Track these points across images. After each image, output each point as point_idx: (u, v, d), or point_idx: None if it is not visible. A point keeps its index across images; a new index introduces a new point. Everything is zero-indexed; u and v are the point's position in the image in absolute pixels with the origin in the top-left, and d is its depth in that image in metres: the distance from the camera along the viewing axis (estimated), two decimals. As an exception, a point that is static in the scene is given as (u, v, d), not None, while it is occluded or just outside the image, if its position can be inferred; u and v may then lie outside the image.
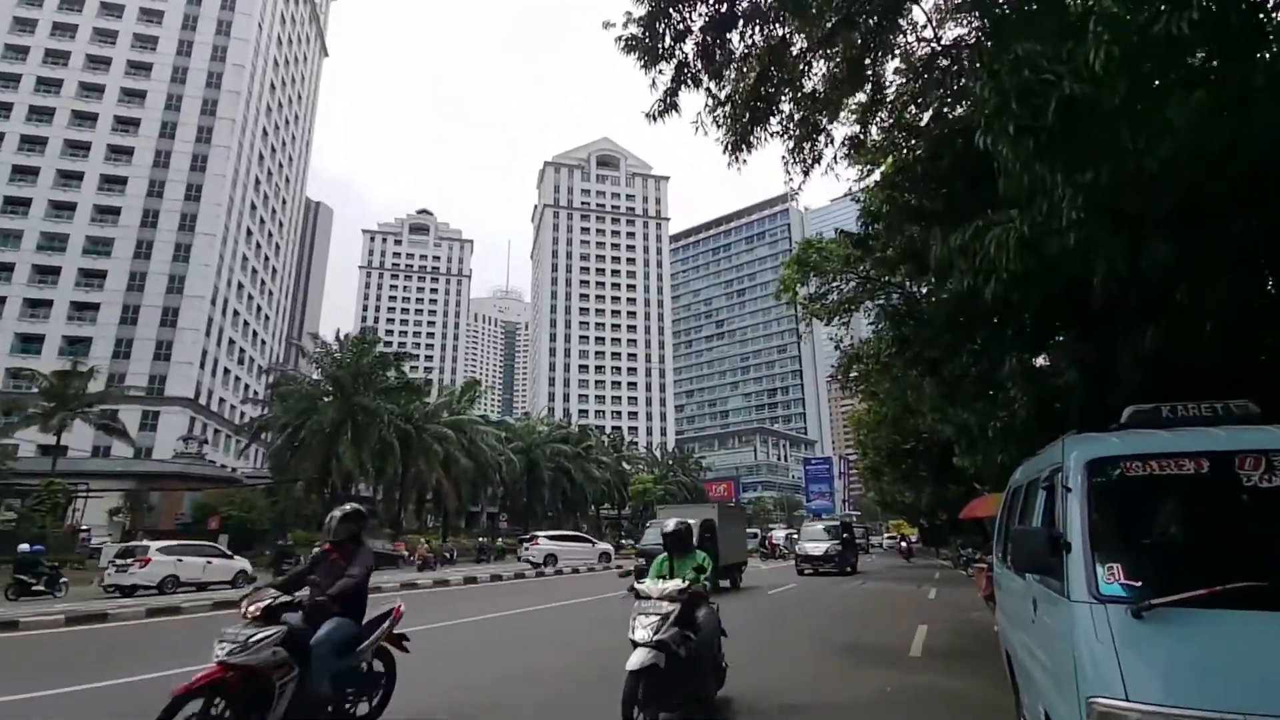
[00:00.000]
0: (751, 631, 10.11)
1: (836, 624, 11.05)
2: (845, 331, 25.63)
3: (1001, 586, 4.85)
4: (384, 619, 4.98)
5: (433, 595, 16.42)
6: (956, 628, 10.58)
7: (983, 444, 8.60)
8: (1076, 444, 3.11)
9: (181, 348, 55.01)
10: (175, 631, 10.70)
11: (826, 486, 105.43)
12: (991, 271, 4.66)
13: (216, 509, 35.12)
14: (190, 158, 59.06)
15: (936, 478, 29.92)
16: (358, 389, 37.44)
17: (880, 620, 11.44)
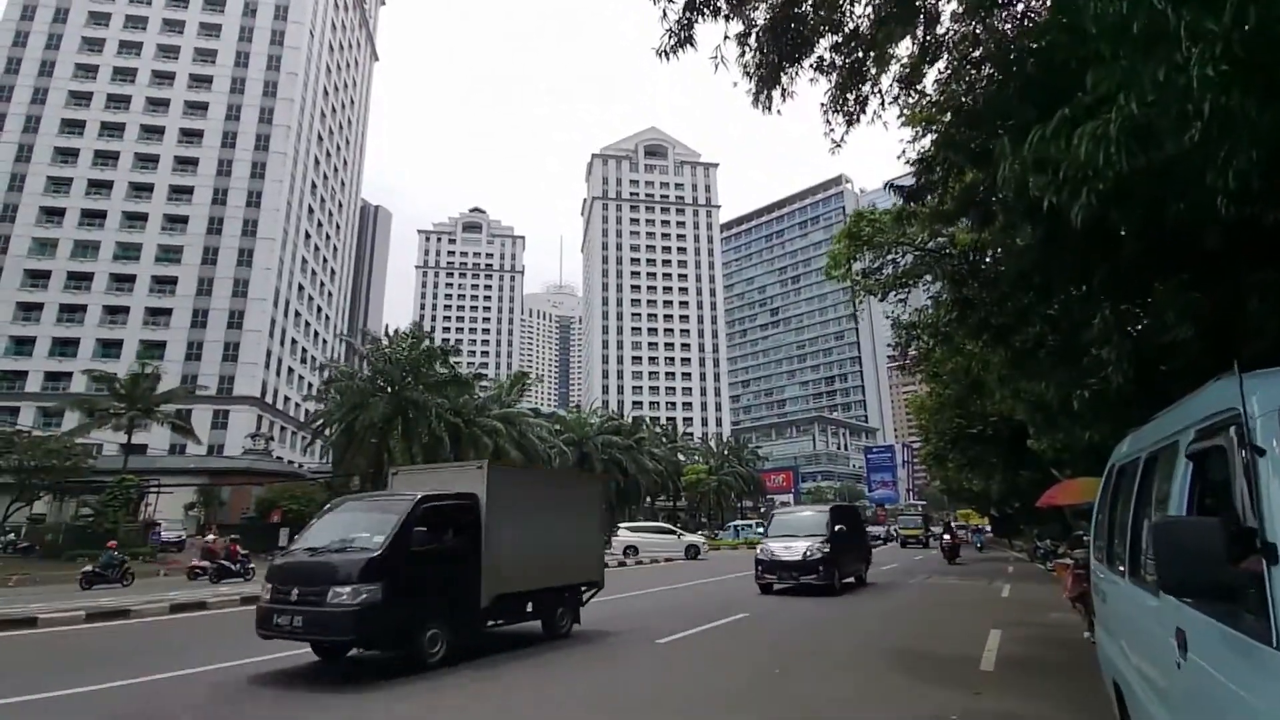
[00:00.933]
0: (789, 634, 9.07)
1: (891, 625, 9.91)
2: (903, 308, 24.04)
3: (1106, 596, 3.66)
4: None
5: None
6: (1037, 634, 9.20)
7: (1064, 421, 7.31)
8: (1266, 382, 2.00)
9: (247, 349, 57.06)
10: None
11: (889, 475, 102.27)
12: (1083, 182, 3.51)
13: (278, 503, 36.08)
14: (250, 165, 61.12)
15: (1007, 464, 27.82)
16: (408, 383, 37.75)
17: (944, 622, 10.20)
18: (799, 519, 16.66)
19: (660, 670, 7.04)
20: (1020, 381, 8.85)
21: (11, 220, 56.79)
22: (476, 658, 7.43)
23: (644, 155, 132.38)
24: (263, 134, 62.09)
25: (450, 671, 6.78)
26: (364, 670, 7.11)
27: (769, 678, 6.46)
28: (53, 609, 11.79)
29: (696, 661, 7.39)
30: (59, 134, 59.43)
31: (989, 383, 12.51)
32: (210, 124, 61.85)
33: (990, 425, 24.27)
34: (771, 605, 11.70)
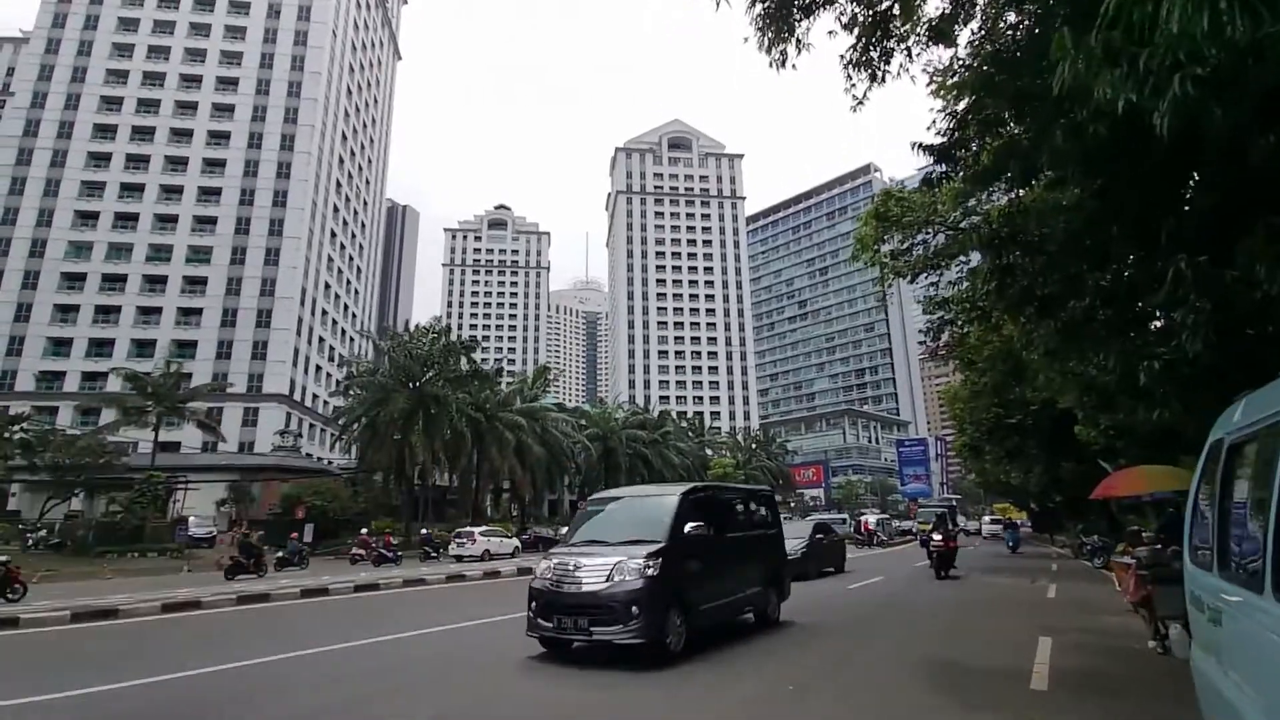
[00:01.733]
0: (814, 639, 8.22)
1: (923, 630, 8.95)
2: (935, 290, 22.85)
3: (1218, 615, 2.75)
4: None
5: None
6: (1093, 642, 8.08)
7: (1127, 399, 6.34)
8: None
9: (275, 347, 57.69)
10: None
11: (922, 469, 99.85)
12: (1174, 69, 2.64)
13: (301, 499, 36.14)
14: (276, 166, 61.72)
15: (1049, 455, 26.45)
16: (429, 379, 37.57)
17: (986, 626, 9.15)
18: (622, 509, 8.92)
19: (678, 684, 6.22)
20: (1069, 359, 7.86)
21: (48, 224, 58.17)
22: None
23: (667, 148, 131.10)
24: (288, 134, 62.64)
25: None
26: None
27: (781, 697, 5.67)
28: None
29: (699, 674, 6.59)
30: (91, 139, 60.66)
31: (1032, 364, 11.45)
32: (237, 126, 62.60)
33: (1031, 414, 23.01)
34: (790, 608, 10.87)
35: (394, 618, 10.46)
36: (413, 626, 9.48)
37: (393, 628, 9.23)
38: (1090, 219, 6.90)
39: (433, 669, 7.05)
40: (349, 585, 15.66)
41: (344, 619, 10.70)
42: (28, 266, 57.11)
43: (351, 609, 12.09)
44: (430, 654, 7.87)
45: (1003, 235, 7.70)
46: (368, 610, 11.86)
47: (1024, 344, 9.40)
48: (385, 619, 10.32)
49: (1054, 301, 7.60)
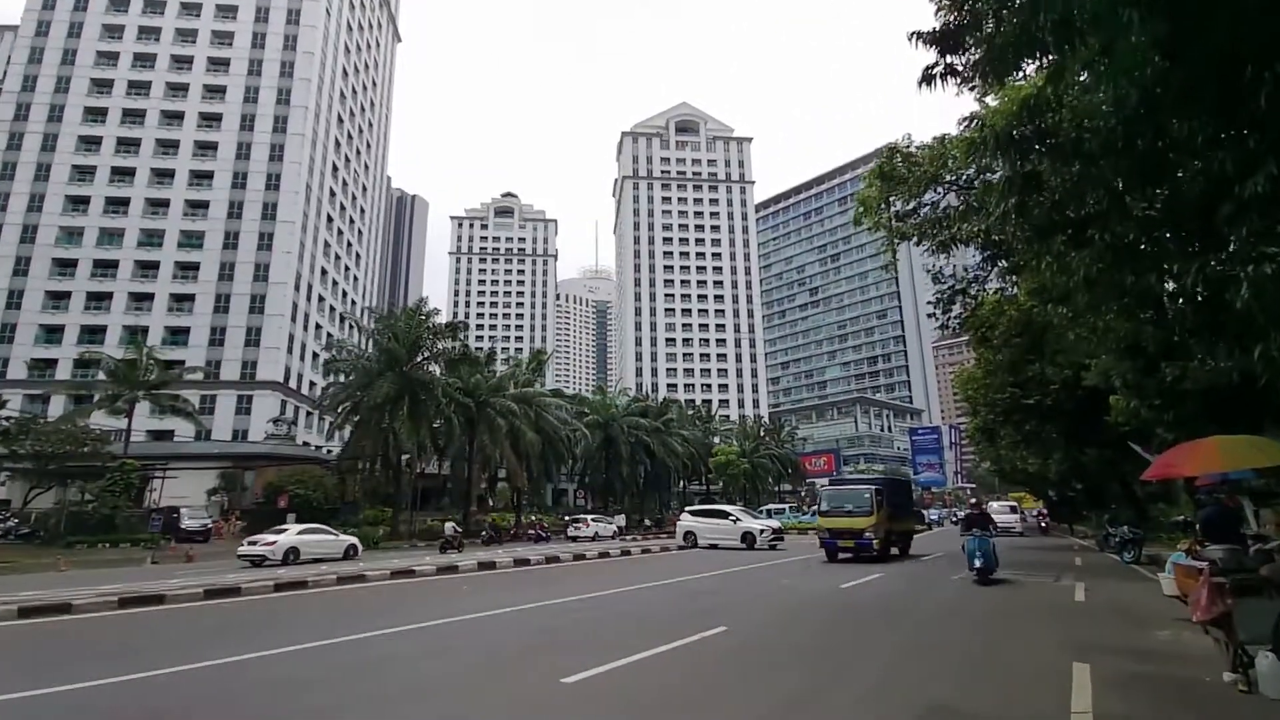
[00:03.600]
0: (771, 663, 6.46)
1: (925, 651, 7.04)
2: (946, 260, 20.82)
3: None
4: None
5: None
6: (1146, 671, 5.98)
7: (1202, 340, 4.46)
8: None
9: (269, 333, 56.45)
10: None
11: (936, 458, 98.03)
12: None
13: (284, 488, 34.85)
14: (268, 148, 60.29)
15: (1070, 439, 24.43)
16: (417, 363, 36.00)
17: (1004, 645, 7.12)
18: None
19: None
20: (1116, 296, 5.97)
21: (39, 210, 57.16)
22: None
23: (675, 132, 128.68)
24: (280, 116, 61.16)
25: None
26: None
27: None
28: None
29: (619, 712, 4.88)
30: (82, 122, 59.49)
31: (1056, 326, 9.55)
32: (229, 108, 61.20)
33: (1051, 394, 20.98)
34: (760, 616, 9.08)
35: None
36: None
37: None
38: (1149, 98, 4.98)
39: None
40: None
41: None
42: (19, 253, 56.17)
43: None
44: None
45: (1025, 131, 5.81)
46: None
47: (1052, 286, 7.45)
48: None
49: (1094, 222, 5.68)
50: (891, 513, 19.61)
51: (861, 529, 18.05)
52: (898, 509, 20.71)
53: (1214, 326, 5.12)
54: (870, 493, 18.95)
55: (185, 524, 32.14)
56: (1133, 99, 5.03)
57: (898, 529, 20.29)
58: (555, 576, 15.44)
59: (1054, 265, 5.90)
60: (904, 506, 22.46)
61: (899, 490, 23.60)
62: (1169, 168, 5.75)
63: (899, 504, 21.33)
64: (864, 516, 18.36)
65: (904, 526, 21.41)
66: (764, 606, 9.88)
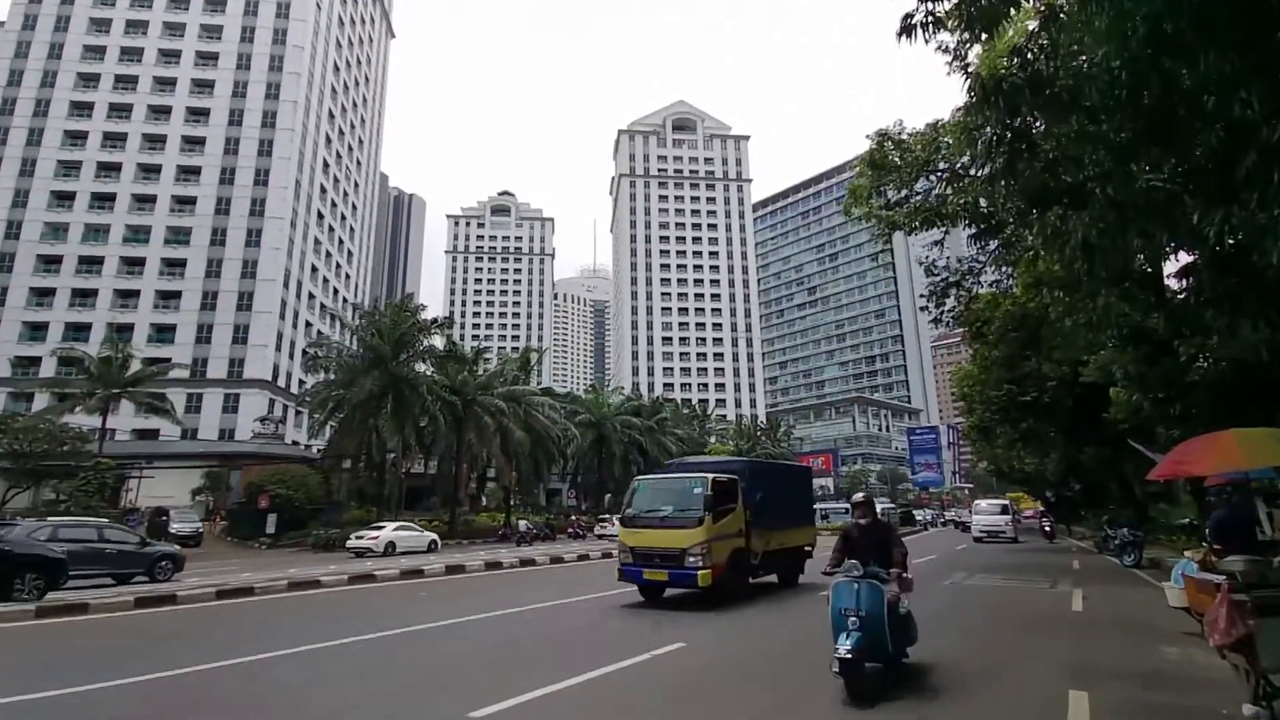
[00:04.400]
0: (722, 684, 5.70)
1: (911, 668, 5.95)
2: (940, 252, 20.08)
3: None
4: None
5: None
6: (1152, 701, 5.15)
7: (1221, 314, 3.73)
8: None
9: (257, 331, 55.69)
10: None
11: (934, 457, 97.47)
12: None
13: (265, 488, 34.03)
14: (257, 143, 59.53)
15: (1068, 438, 23.72)
16: (402, 360, 35.19)
17: (992, 666, 6.23)
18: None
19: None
20: (1113, 266, 5.21)
21: (24, 205, 56.36)
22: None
23: (672, 130, 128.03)
24: (269, 111, 60.37)
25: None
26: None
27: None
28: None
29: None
30: (68, 117, 58.71)
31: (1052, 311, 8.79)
32: (217, 102, 60.40)
33: (1048, 391, 20.26)
34: (721, 628, 8.31)
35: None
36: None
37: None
38: (1157, 35, 4.24)
39: None
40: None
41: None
42: (3, 249, 55.40)
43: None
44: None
45: (1016, 79, 5.05)
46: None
47: (1047, 259, 6.66)
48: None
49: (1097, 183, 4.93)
50: (762, 518, 11.97)
51: (681, 547, 10.48)
52: (778, 513, 12.75)
53: (1235, 298, 4.40)
54: (702, 486, 10.93)
55: (175, 527, 30.26)
56: (1139, 33, 4.28)
57: (777, 545, 12.61)
58: (538, 578, 14.72)
59: (1048, 232, 5.14)
60: (791, 507, 13.70)
61: (781, 481, 14.49)
62: (1179, 126, 5.00)
63: (783, 504, 13.19)
64: (687, 527, 10.61)
65: (788, 540, 13.14)
66: (711, 621, 9.08)
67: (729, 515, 10.89)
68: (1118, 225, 4.64)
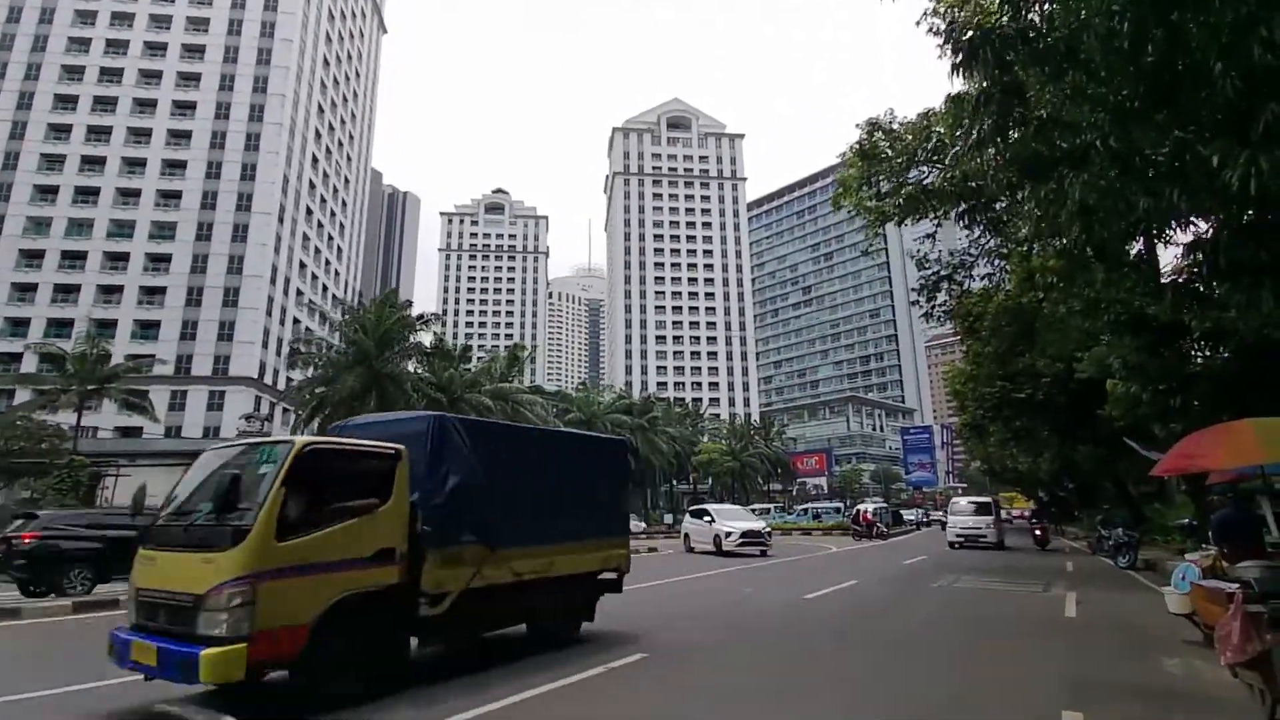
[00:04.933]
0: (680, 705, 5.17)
1: (878, 689, 5.46)
2: (930, 245, 19.60)
3: None
4: None
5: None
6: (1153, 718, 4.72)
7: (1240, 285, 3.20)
8: None
9: (243, 327, 54.95)
10: None
11: (927, 457, 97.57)
12: None
13: (244, 486, 33.32)
14: (244, 137, 58.73)
15: (1062, 436, 23.27)
16: (386, 356, 34.54)
17: (980, 680, 5.68)
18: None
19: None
20: (1114, 224, 4.67)
21: (6, 199, 55.47)
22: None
23: (666, 128, 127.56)
24: (257, 105, 59.59)
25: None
26: None
27: None
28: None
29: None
30: (52, 110, 57.83)
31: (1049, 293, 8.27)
32: (203, 96, 59.57)
33: (1042, 387, 19.78)
34: (686, 633, 7.76)
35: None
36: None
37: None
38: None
39: None
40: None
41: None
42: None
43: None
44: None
45: (1006, 28, 4.52)
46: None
47: (1041, 240, 6.10)
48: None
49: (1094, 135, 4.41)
50: (484, 525, 6.21)
51: (194, 593, 4.59)
52: (535, 517, 7.01)
53: (1255, 269, 3.91)
54: (273, 461, 4.99)
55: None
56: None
57: (534, 572, 6.74)
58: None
59: (1041, 195, 4.60)
60: (570, 506, 7.55)
61: (545, 459, 7.71)
62: (1184, 86, 4.47)
63: (548, 502, 7.28)
64: (213, 549, 4.69)
65: (562, 563, 7.09)
66: (679, 627, 8.53)
67: (354, 521, 5.21)
68: (1120, 185, 4.11)
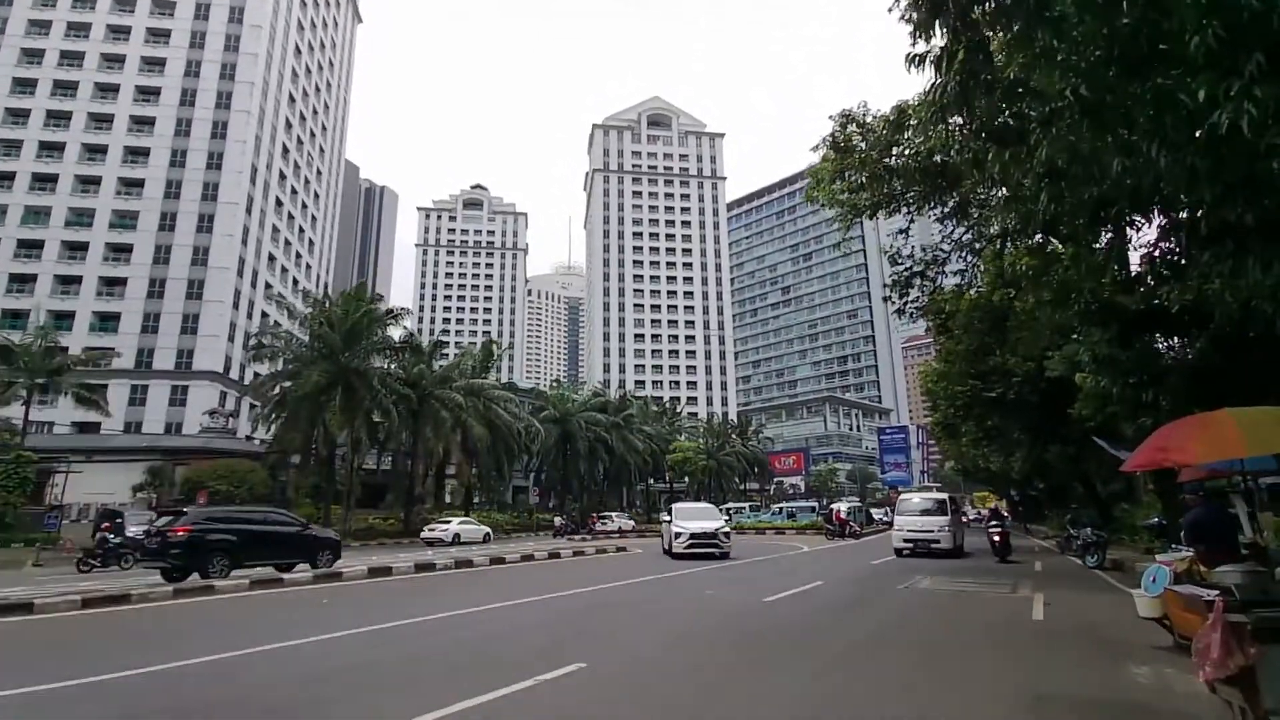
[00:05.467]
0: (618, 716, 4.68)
1: (842, 702, 4.98)
2: (904, 241, 19.33)
3: None
4: None
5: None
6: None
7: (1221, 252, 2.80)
8: None
9: (208, 321, 53.41)
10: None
11: (903, 457, 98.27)
12: None
13: (204, 484, 32.29)
14: (211, 125, 57.12)
15: (1034, 436, 23.20)
16: (357, 350, 33.59)
17: (939, 692, 5.17)
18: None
19: None
20: (1084, 188, 4.25)
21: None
22: None
23: (646, 125, 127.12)
24: (224, 92, 57.97)
25: None
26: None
27: None
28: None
29: None
30: (10, 94, 55.74)
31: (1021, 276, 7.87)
32: (168, 81, 57.81)
33: (1013, 386, 19.62)
34: (631, 641, 7.27)
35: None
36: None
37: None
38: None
39: None
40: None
41: None
42: (-64, 232, 52.37)
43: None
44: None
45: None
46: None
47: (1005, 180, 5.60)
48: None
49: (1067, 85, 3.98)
50: None
51: None
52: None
53: (1240, 233, 3.52)
54: None
55: (131, 530, 26.87)
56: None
57: None
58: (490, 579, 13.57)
59: (1005, 159, 4.21)
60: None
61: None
62: (1158, 55, 4.06)
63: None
64: None
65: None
66: (621, 638, 8.03)
67: None
68: (1093, 138, 3.69)
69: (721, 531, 20.02)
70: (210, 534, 14.13)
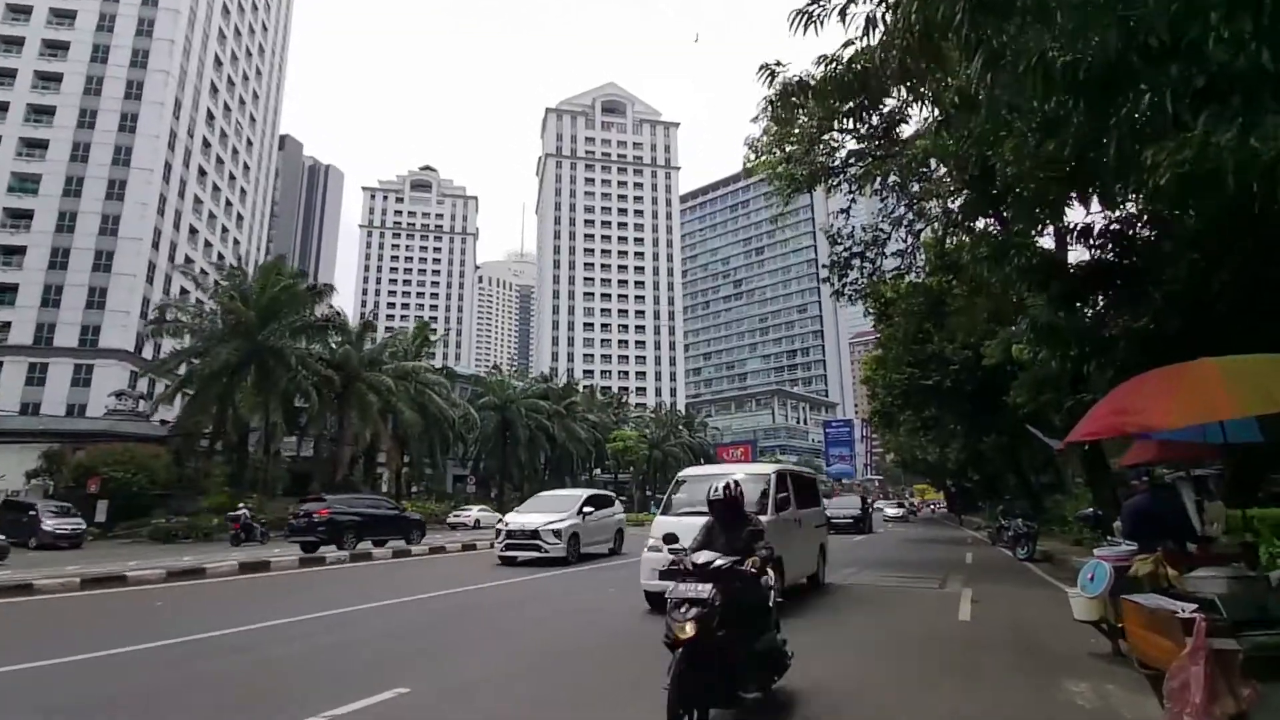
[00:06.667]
0: None
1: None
2: (845, 220, 18.61)
3: None
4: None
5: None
6: None
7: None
8: None
9: (117, 295, 49.54)
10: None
11: (848, 450, 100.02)
12: None
13: (96, 470, 29.50)
14: (124, 84, 52.89)
15: (970, 427, 22.94)
16: (266, 327, 31.21)
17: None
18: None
19: None
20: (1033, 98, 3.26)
21: None
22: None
23: (601, 111, 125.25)
24: (140, 49, 53.74)
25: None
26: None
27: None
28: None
29: None
30: (-109, 39, 50.45)
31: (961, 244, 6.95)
32: (78, 35, 53.27)
33: (950, 375, 19.15)
34: (475, 658, 5.95)
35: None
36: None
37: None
38: None
39: None
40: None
41: None
42: None
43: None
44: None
45: None
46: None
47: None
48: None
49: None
50: None
51: None
52: None
53: (1254, 79, 2.60)
54: None
55: (47, 525, 22.75)
56: None
57: None
58: (347, 578, 12.10)
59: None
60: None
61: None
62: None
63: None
64: None
65: None
66: (461, 647, 6.76)
67: None
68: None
69: (558, 530, 14.40)
70: (343, 516, 18.57)
